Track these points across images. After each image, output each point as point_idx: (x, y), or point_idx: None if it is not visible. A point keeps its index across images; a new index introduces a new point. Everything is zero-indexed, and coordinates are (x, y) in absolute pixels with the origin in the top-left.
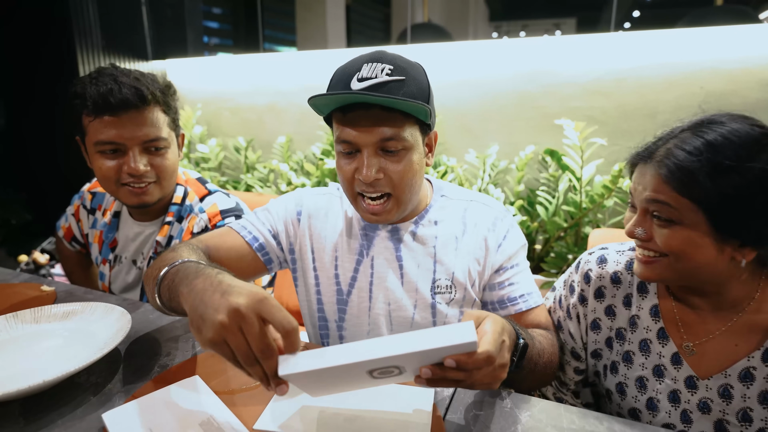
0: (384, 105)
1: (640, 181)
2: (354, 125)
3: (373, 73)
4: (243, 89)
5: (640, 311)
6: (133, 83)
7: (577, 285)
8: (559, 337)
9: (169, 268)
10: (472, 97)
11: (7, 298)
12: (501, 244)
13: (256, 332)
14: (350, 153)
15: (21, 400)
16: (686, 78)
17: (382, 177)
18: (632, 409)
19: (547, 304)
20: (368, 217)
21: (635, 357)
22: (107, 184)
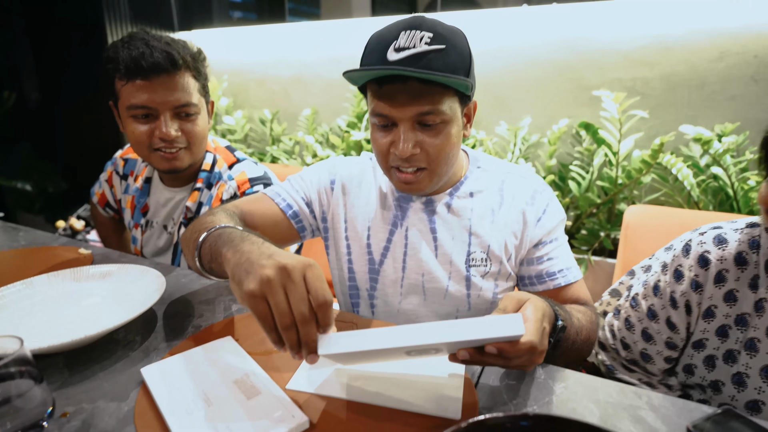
0: (422, 78)
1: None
2: (390, 99)
3: (411, 42)
4: (268, 61)
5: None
6: (164, 47)
7: (688, 270)
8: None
9: (210, 232)
10: (504, 67)
11: (47, 259)
12: (540, 218)
13: (300, 293)
14: (386, 126)
15: (65, 353)
16: (740, 46)
17: (418, 152)
18: (752, 402)
19: (633, 290)
20: (401, 186)
21: (761, 344)
22: (140, 148)
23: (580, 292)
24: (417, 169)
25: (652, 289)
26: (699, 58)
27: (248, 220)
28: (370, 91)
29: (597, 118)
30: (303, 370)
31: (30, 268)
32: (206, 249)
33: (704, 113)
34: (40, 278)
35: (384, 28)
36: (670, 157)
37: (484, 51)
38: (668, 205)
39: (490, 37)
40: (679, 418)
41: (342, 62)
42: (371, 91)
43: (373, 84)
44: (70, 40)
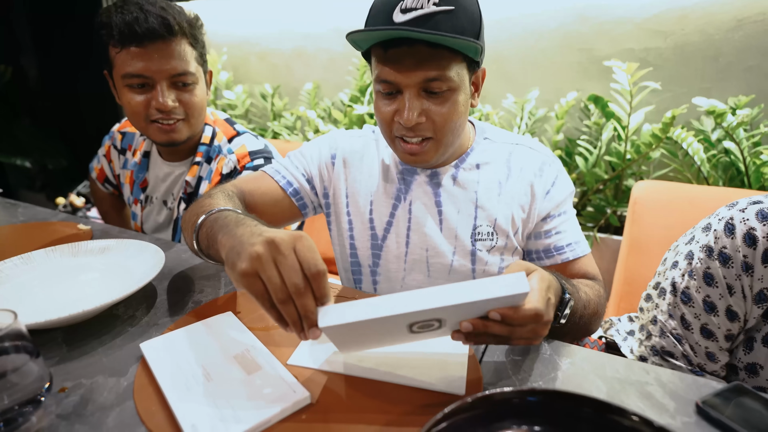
0: (430, 42)
1: None
2: (395, 64)
3: (419, 2)
4: (270, 33)
5: None
6: (159, 12)
7: (735, 252)
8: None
9: (206, 216)
10: (511, 37)
11: (46, 235)
12: (549, 190)
13: (291, 264)
14: (390, 93)
15: (63, 328)
16: (758, 14)
17: (424, 120)
18: None
19: (679, 282)
20: (406, 158)
21: None
22: (137, 120)
23: (588, 266)
24: (423, 139)
25: (702, 278)
26: (715, 28)
27: (248, 199)
28: (374, 56)
29: (607, 91)
30: (304, 346)
31: (28, 244)
32: (204, 234)
33: (718, 85)
34: (38, 253)
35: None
36: (680, 131)
37: (490, 20)
38: (677, 180)
39: (496, 5)
40: (688, 393)
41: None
42: (376, 57)
43: (378, 48)
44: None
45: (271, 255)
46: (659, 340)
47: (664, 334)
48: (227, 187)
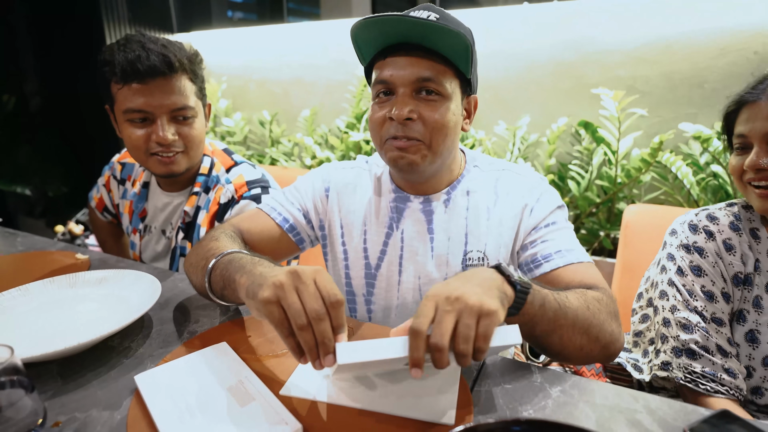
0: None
1: (758, 117)
2: (393, 65)
3: (421, 15)
4: (268, 62)
5: (760, 255)
6: (160, 50)
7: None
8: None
9: (218, 259)
10: (504, 66)
11: (44, 265)
12: (534, 207)
13: (312, 292)
14: (386, 94)
15: (58, 361)
16: (740, 43)
17: (415, 117)
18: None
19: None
20: (395, 158)
21: (764, 300)
22: (137, 153)
23: (586, 274)
24: (414, 140)
25: (692, 271)
26: (700, 56)
27: (247, 237)
28: (375, 67)
29: (596, 117)
30: (297, 376)
31: (27, 274)
32: (217, 276)
33: (704, 111)
34: (36, 284)
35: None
36: (669, 156)
37: (484, 51)
38: (668, 203)
39: (490, 36)
40: (676, 420)
41: (342, 63)
42: (376, 66)
43: (379, 57)
44: (69, 43)
45: (293, 283)
46: (686, 336)
47: (690, 327)
48: (227, 228)
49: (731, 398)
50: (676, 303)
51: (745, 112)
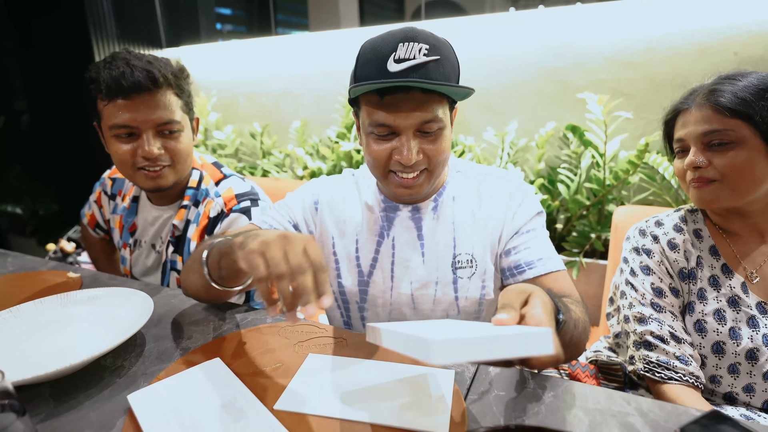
0: (424, 88)
1: (691, 122)
2: (394, 109)
3: (410, 53)
4: (257, 75)
5: (702, 252)
6: (145, 66)
7: (652, 245)
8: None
9: (213, 245)
10: (491, 73)
11: (35, 285)
12: (516, 211)
13: (298, 251)
14: (386, 135)
15: (51, 382)
16: (720, 44)
17: (421, 158)
18: (716, 344)
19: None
20: (400, 192)
21: (708, 293)
22: (124, 168)
23: (563, 283)
24: (418, 174)
25: (642, 271)
26: (681, 57)
27: None
28: (366, 103)
29: (583, 120)
30: (291, 390)
31: (18, 295)
32: (214, 256)
33: None
34: (26, 305)
35: (377, 38)
36: (656, 157)
37: (470, 57)
38: (657, 204)
39: (476, 43)
40: (667, 422)
41: (332, 73)
42: (369, 103)
43: (372, 95)
44: (57, 60)
45: (281, 243)
46: (642, 328)
47: (644, 320)
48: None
49: (687, 385)
50: (632, 300)
51: (680, 118)
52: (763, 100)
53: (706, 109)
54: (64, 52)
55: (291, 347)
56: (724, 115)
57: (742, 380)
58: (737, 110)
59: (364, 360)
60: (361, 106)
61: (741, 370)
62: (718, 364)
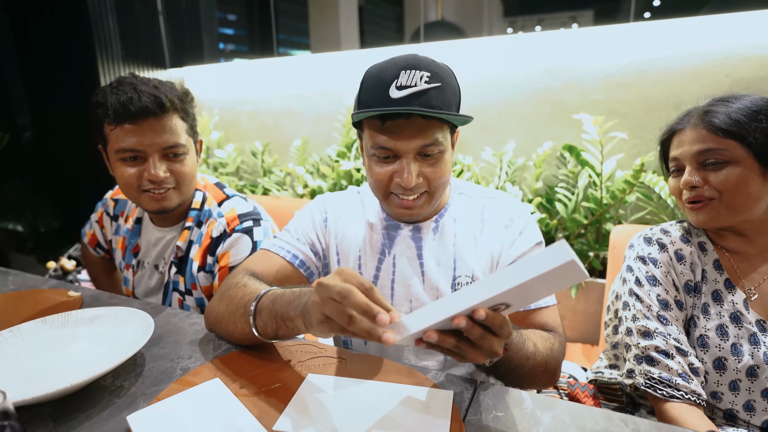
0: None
1: (686, 142)
2: (395, 134)
3: (412, 81)
4: (259, 94)
5: (707, 266)
6: (152, 91)
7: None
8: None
9: (258, 301)
10: (488, 93)
11: (36, 303)
12: (515, 240)
13: (340, 293)
14: (387, 158)
15: (50, 403)
16: (712, 66)
17: (421, 181)
18: (717, 359)
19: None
20: (400, 213)
21: (711, 308)
22: (129, 190)
23: (549, 318)
24: (418, 196)
25: (647, 281)
26: (673, 79)
27: (263, 280)
28: (369, 127)
29: (580, 140)
30: (290, 411)
31: (19, 314)
32: (265, 318)
33: None
34: (28, 325)
35: (381, 65)
36: (652, 176)
37: (469, 78)
38: (654, 223)
39: (474, 64)
40: None
41: (332, 93)
42: (371, 127)
43: (374, 120)
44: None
45: (326, 296)
46: (647, 342)
47: (649, 335)
48: (244, 273)
49: (690, 403)
50: (635, 312)
51: (675, 138)
52: (755, 121)
53: (700, 130)
54: (70, 71)
55: (290, 367)
56: (718, 135)
57: (743, 397)
58: (731, 131)
59: (363, 380)
60: (364, 129)
61: (741, 387)
62: (719, 381)
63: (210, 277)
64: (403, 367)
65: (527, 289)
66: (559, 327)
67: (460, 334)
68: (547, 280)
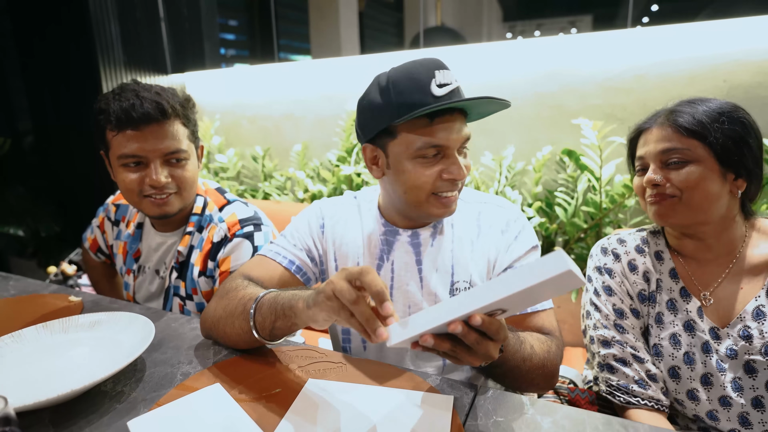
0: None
1: (651, 141)
2: (447, 130)
3: (448, 79)
4: (260, 99)
5: (662, 275)
6: (154, 98)
7: (613, 265)
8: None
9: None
10: None
11: (37, 308)
12: (511, 244)
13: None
14: (434, 156)
15: (51, 408)
16: (709, 71)
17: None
18: (672, 368)
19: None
20: (441, 212)
21: (665, 316)
22: (130, 196)
23: (546, 321)
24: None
25: (604, 291)
26: (672, 84)
27: (259, 286)
28: (411, 130)
29: (579, 145)
30: (290, 416)
31: (20, 319)
32: (264, 314)
33: None
34: (28, 330)
35: (406, 68)
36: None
37: (469, 84)
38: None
39: (474, 70)
40: None
41: (333, 98)
42: (415, 128)
43: (421, 119)
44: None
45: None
46: (605, 351)
47: (608, 343)
48: (241, 278)
49: (649, 409)
50: (595, 321)
51: (642, 138)
52: (717, 122)
53: (665, 129)
54: (72, 76)
55: (291, 372)
56: (682, 134)
57: (704, 406)
58: (693, 130)
59: (362, 385)
60: (401, 134)
61: (699, 396)
62: (677, 389)
63: (211, 282)
64: (403, 371)
65: (524, 296)
66: (556, 330)
67: (455, 337)
68: (545, 287)
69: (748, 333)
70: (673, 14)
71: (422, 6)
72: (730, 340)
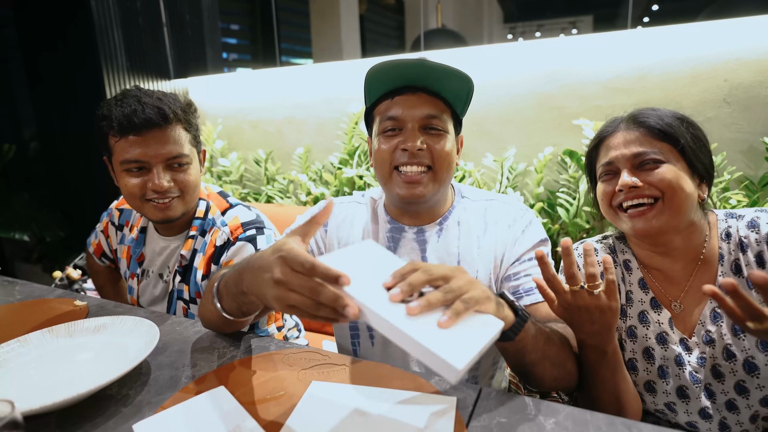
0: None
1: (620, 145)
2: (403, 104)
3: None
4: (262, 103)
5: (631, 286)
6: (155, 103)
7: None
8: None
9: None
10: (490, 100)
11: (43, 313)
12: (518, 238)
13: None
14: (393, 130)
15: (57, 412)
16: (710, 71)
17: (425, 148)
18: (647, 382)
19: None
20: (404, 191)
21: (638, 330)
22: (133, 200)
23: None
24: (422, 171)
25: None
26: (673, 84)
27: None
28: (380, 107)
29: (580, 145)
30: (294, 419)
31: (26, 323)
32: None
33: None
34: (34, 335)
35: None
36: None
37: None
38: None
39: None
40: None
41: (334, 101)
42: (382, 106)
43: (386, 97)
44: (68, 91)
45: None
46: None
47: None
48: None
49: None
50: None
51: (605, 144)
52: (683, 126)
53: (634, 132)
54: (76, 82)
55: (294, 374)
56: (653, 136)
57: (683, 418)
58: (665, 131)
59: (366, 387)
60: (376, 118)
61: (678, 409)
62: (654, 401)
63: None
64: (406, 373)
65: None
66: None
67: None
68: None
69: (710, 337)
70: (673, 14)
71: (423, 8)
72: (698, 349)
